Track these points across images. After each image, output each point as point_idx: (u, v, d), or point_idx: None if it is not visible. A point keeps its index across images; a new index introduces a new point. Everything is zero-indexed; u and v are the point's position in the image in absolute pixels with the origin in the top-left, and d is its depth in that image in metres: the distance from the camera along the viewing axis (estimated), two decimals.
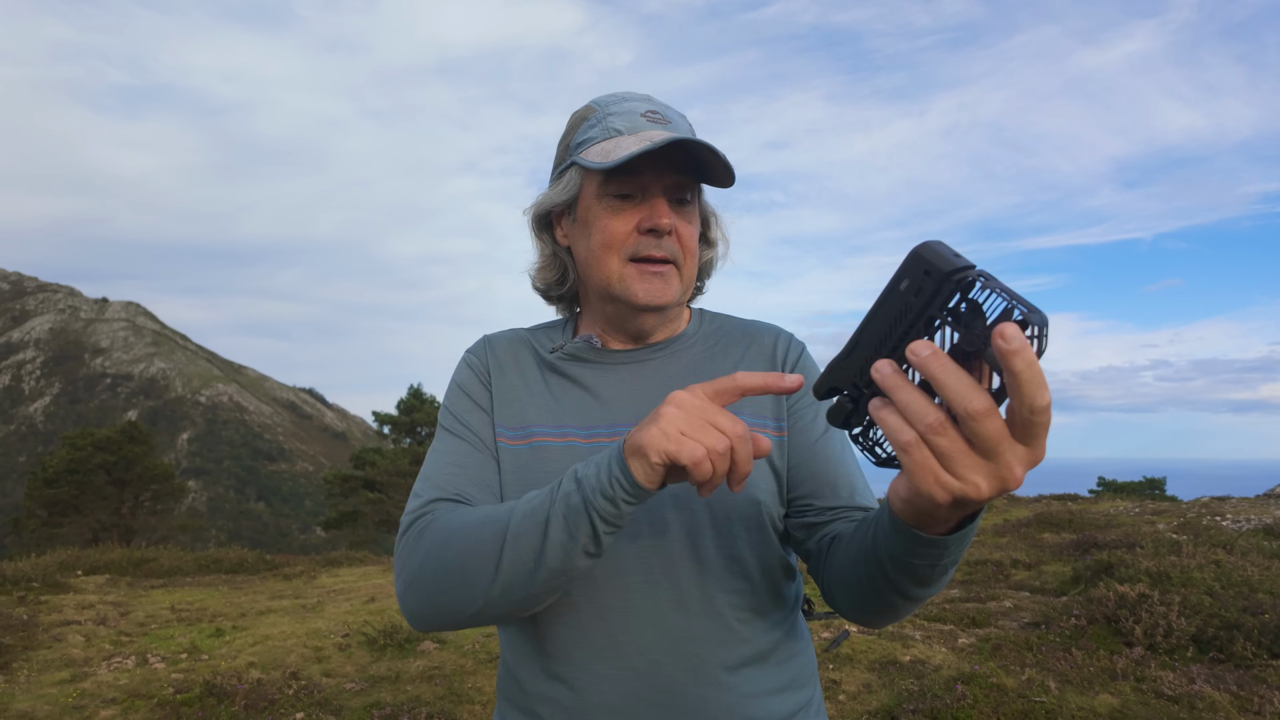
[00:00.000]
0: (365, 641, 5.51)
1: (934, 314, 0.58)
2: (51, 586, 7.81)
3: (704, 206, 1.07)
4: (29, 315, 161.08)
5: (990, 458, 0.57)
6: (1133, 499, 14.19)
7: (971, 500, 0.59)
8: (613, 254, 0.98)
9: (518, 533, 0.80)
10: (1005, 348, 0.51)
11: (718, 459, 0.72)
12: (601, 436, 0.99)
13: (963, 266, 0.56)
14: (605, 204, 0.98)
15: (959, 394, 0.55)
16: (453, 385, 1.08)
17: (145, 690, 4.58)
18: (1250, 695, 3.73)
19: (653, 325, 1.04)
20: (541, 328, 1.14)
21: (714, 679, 0.92)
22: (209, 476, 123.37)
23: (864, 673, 4.33)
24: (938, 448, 0.58)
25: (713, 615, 0.93)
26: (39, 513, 22.73)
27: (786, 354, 1.07)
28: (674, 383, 1.02)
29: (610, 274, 0.99)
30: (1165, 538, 7.19)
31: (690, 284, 1.03)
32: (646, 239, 0.97)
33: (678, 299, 1.01)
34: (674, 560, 0.93)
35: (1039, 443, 0.57)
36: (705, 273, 1.12)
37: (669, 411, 0.74)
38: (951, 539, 0.69)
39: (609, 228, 0.98)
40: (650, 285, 0.98)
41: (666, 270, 0.98)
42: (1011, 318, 0.54)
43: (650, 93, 1.03)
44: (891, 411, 0.59)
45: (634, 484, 0.74)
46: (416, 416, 23.49)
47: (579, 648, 0.94)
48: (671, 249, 0.98)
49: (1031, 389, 0.53)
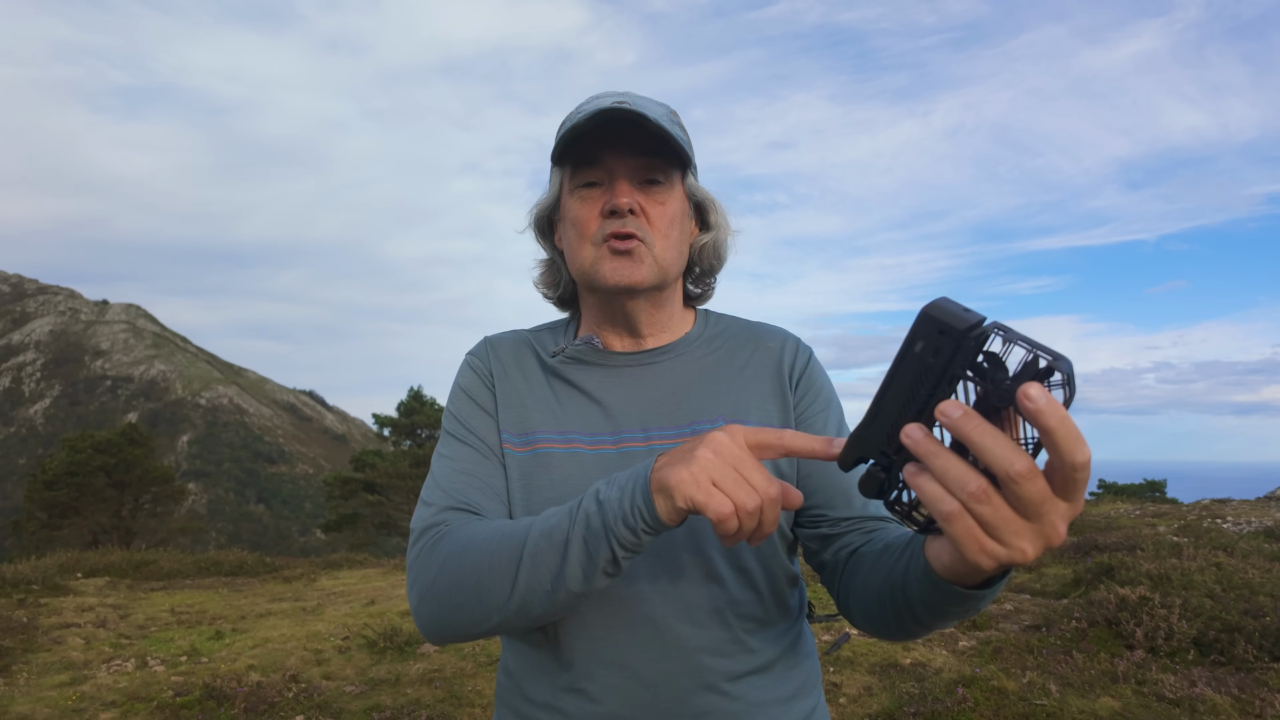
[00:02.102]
0: (365, 644, 5.51)
1: (956, 372, 0.56)
2: (51, 589, 7.80)
3: (697, 191, 1.05)
4: (29, 317, 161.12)
5: (1034, 519, 0.55)
6: (1133, 501, 14.18)
7: (1018, 564, 0.58)
8: (585, 242, 0.98)
9: (535, 551, 0.78)
10: (1032, 408, 0.49)
11: (746, 517, 0.68)
12: (606, 444, 0.98)
13: (976, 321, 0.55)
14: (575, 195, 0.99)
15: (999, 456, 0.53)
16: (456, 388, 1.06)
17: (145, 693, 4.57)
18: (1251, 698, 3.72)
19: (640, 311, 1.02)
20: (544, 329, 1.13)
21: (720, 689, 0.92)
22: (209, 479, 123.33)
23: (865, 675, 4.32)
24: (982, 516, 0.55)
25: (720, 626, 0.93)
26: (39, 515, 22.72)
27: (794, 360, 1.05)
28: (679, 388, 1.01)
29: (585, 261, 0.98)
30: (1166, 540, 7.18)
31: (668, 267, 0.99)
32: (611, 220, 0.96)
33: (653, 280, 0.98)
34: (681, 571, 0.92)
35: (1079, 497, 0.55)
36: (710, 269, 1.09)
37: (704, 455, 0.69)
38: (988, 592, 0.68)
39: (578, 216, 0.98)
40: (617, 264, 0.96)
41: (633, 246, 0.96)
42: (1037, 366, 0.53)
43: (651, 93, 1.03)
44: (929, 479, 0.57)
45: (655, 518, 0.72)
46: (417, 419, 23.48)
47: (585, 657, 0.93)
48: (639, 227, 0.96)
49: (1069, 446, 0.50)
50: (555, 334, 1.10)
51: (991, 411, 0.56)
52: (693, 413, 0.99)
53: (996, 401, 0.55)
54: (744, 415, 0.99)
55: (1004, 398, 0.54)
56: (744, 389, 1.01)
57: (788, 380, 1.02)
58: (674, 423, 0.98)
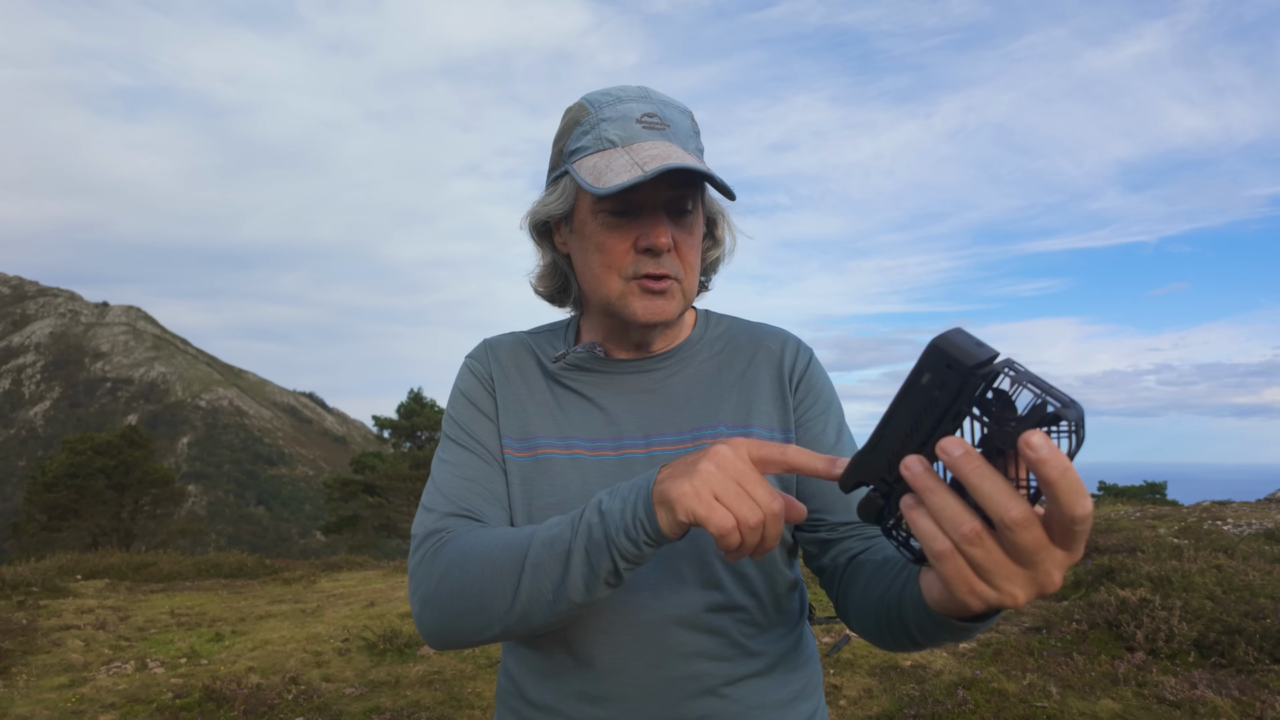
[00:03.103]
0: (365, 646, 5.50)
1: (961, 409, 0.55)
2: (51, 591, 7.79)
3: (710, 206, 1.03)
4: (29, 319, 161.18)
5: (1028, 566, 0.54)
6: (1133, 503, 14.17)
7: (1007, 607, 0.57)
8: (612, 274, 0.95)
9: (537, 561, 0.78)
10: (1034, 457, 0.48)
11: (748, 532, 0.68)
12: (607, 450, 0.97)
13: (986, 359, 0.54)
14: (601, 220, 0.94)
15: (995, 501, 0.52)
16: (456, 392, 1.06)
17: (144, 695, 4.57)
18: (1252, 700, 3.71)
19: (656, 336, 1.02)
20: (544, 332, 1.12)
21: (719, 692, 0.92)
22: (209, 481, 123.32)
23: (865, 677, 4.32)
24: (974, 558, 0.55)
25: (718, 632, 0.93)
26: (38, 517, 22.72)
27: (795, 361, 1.04)
28: (680, 395, 1.01)
29: (611, 293, 0.95)
30: (1166, 542, 7.17)
31: (692, 295, 0.99)
32: (645, 258, 0.93)
33: (679, 312, 0.97)
34: (680, 577, 0.92)
35: (1078, 548, 0.53)
36: (711, 269, 1.09)
37: (706, 469, 0.69)
38: (980, 625, 0.69)
39: (606, 246, 0.94)
40: (650, 304, 0.94)
41: (667, 287, 0.94)
42: (1044, 411, 0.51)
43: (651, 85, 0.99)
44: (924, 515, 0.57)
45: (657, 531, 0.72)
46: (416, 420, 23.48)
47: (584, 660, 0.93)
48: (672, 266, 0.94)
49: (1069, 499, 0.49)
50: (555, 337, 1.10)
51: (994, 452, 0.55)
52: (694, 419, 0.99)
53: (999, 444, 0.54)
54: (745, 419, 0.99)
55: (1007, 441, 0.53)
56: (745, 393, 1.01)
57: (788, 382, 1.02)
58: (675, 429, 0.98)
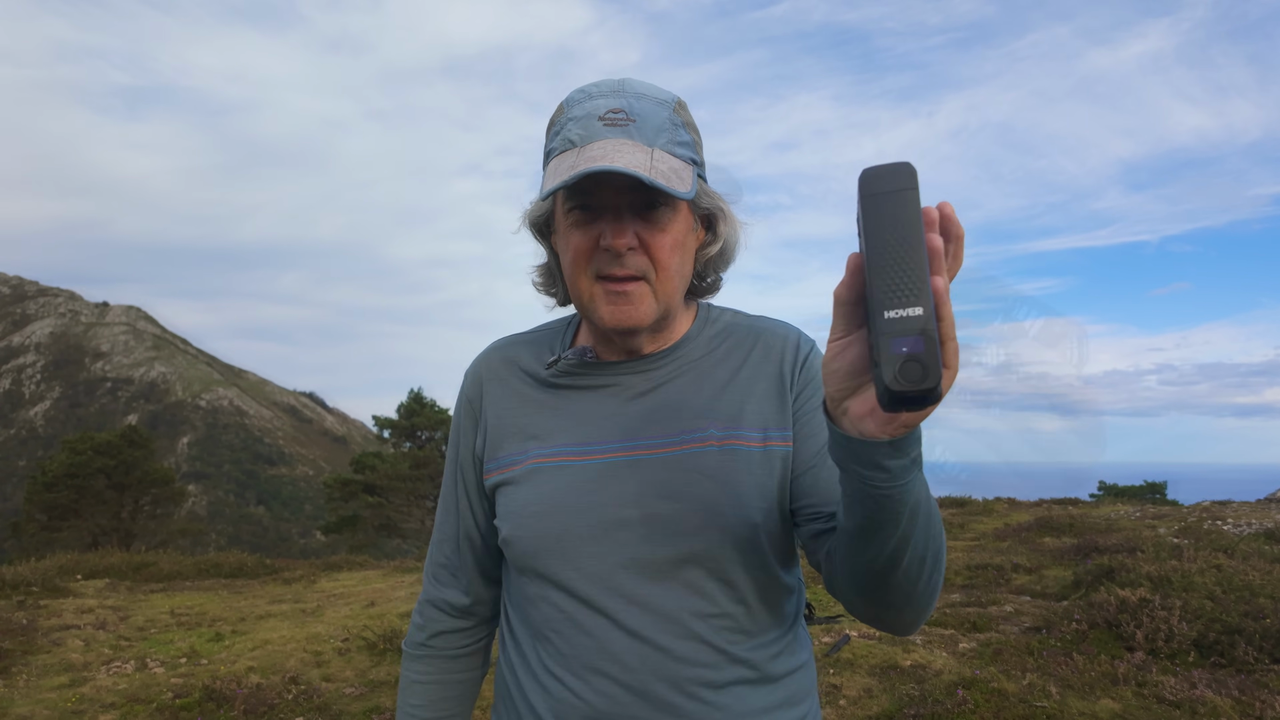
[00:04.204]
0: (365, 646, 5.50)
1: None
2: (51, 591, 7.80)
3: (704, 200, 0.97)
4: (29, 319, 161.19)
5: None
6: (1133, 503, 14.17)
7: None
8: (581, 271, 0.92)
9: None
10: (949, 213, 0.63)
11: None
12: (594, 454, 0.96)
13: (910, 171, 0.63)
14: (570, 218, 0.92)
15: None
16: (454, 410, 1.11)
17: (144, 695, 4.57)
18: (1252, 700, 3.72)
19: (641, 341, 0.99)
20: (543, 334, 1.10)
21: (703, 698, 0.91)
22: (209, 481, 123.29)
23: (865, 677, 4.32)
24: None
25: (702, 638, 0.92)
26: (39, 517, 22.73)
27: (796, 354, 1.00)
28: (671, 397, 0.98)
29: (582, 293, 0.93)
30: (1166, 542, 7.17)
31: (673, 294, 0.94)
32: (606, 256, 0.90)
33: (654, 317, 0.93)
34: (664, 583, 0.92)
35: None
36: (717, 266, 1.03)
37: None
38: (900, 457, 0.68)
39: (574, 243, 0.92)
40: (615, 308, 0.91)
41: (633, 289, 0.90)
42: None
43: (640, 78, 0.95)
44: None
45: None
46: (417, 420, 23.48)
47: (574, 665, 0.94)
48: (638, 265, 0.90)
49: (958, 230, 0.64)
50: (554, 337, 1.09)
51: None
52: (683, 423, 0.96)
53: None
54: (738, 420, 0.97)
55: None
56: (739, 392, 0.98)
57: (789, 377, 0.99)
58: (664, 432, 0.96)
